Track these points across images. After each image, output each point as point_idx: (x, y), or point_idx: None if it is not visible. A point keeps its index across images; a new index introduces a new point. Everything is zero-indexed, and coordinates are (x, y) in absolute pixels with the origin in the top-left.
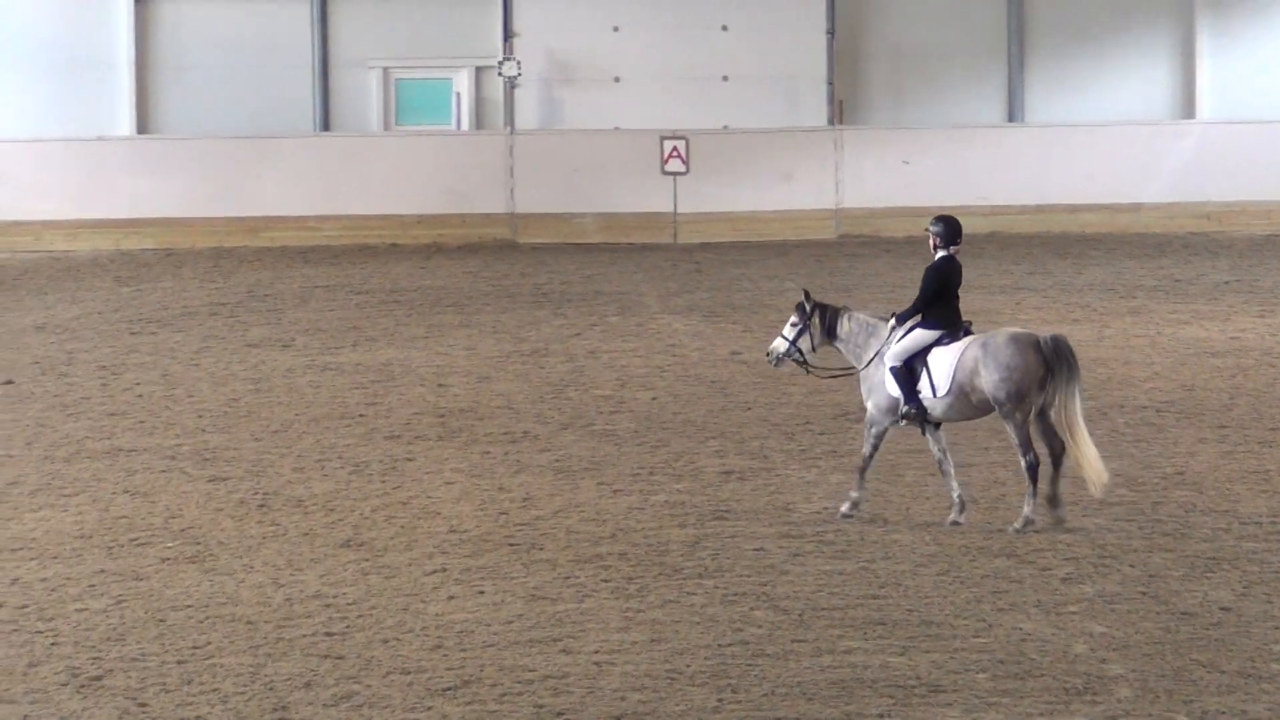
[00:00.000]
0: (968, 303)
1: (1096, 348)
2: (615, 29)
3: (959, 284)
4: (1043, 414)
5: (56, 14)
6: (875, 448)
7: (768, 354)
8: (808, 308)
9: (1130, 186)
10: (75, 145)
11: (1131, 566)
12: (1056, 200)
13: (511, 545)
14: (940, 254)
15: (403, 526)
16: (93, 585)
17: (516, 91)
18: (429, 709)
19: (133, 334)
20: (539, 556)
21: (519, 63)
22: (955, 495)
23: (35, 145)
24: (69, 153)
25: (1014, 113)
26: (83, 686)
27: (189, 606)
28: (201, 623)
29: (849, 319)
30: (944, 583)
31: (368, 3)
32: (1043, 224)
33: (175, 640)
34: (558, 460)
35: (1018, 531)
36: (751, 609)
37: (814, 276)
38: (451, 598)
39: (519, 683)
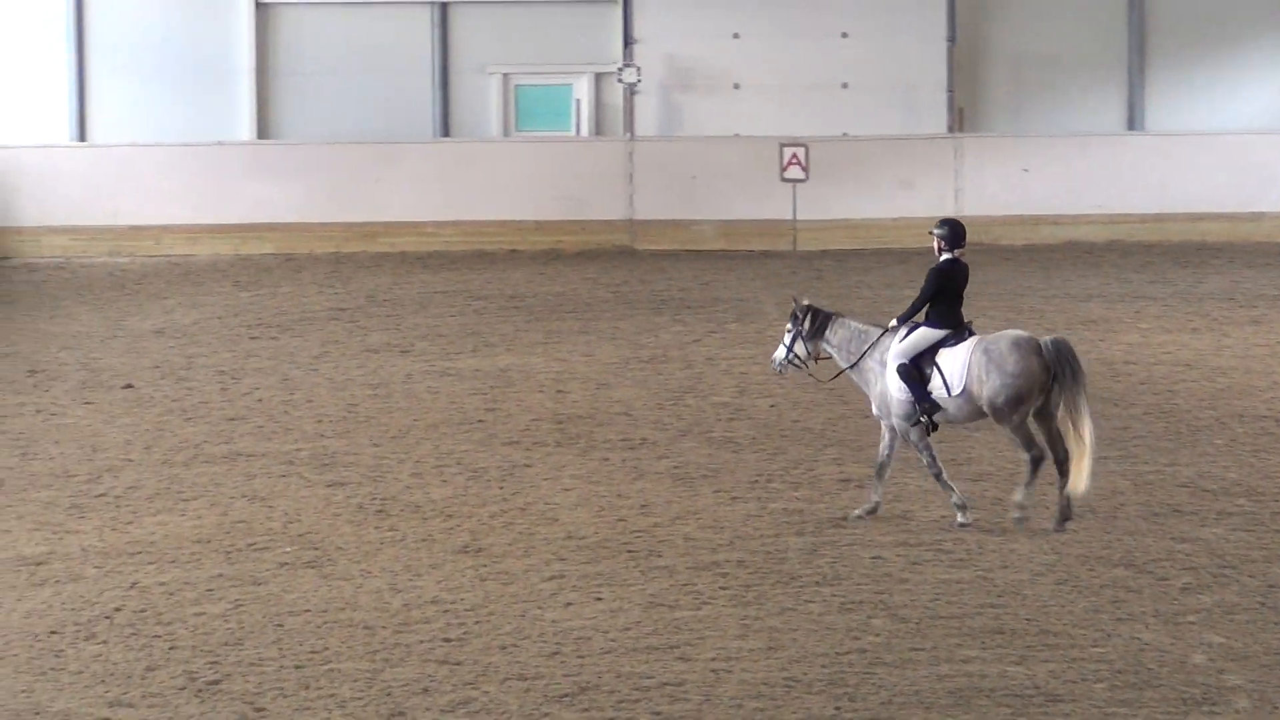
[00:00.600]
0: (1087, 309)
1: (1216, 357)
2: (735, 36)
3: (964, 286)
4: (1048, 419)
5: (178, 20)
6: (931, 452)
7: (772, 362)
8: (799, 314)
9: (1251, 195)
10: (196, 150)
11: (1250, 577)
12: (1176, 209)
13: (629, 552)
14: (945, 256)
15: (521, 532)
16: (211, 589)
17: (636, 98)
18: (546, 715)
19: (252, 339)
20: (657, 563)
21: (639, 69)
22: (873, 499)
23: (157, 150)
24: (190, 158)
25: (1134, 121)
26: (200, 691)
27: (307, 611)
28: (319, 628)
29: (841, 325)
30: (1062, 592)
31: (488, 9)
32: (1162, 233)
33: (293, 645)
34: (676, 467)
35: (1015, 521)
36: (869, 617)
37: None
38: (569, 604)
39: (636, 690)
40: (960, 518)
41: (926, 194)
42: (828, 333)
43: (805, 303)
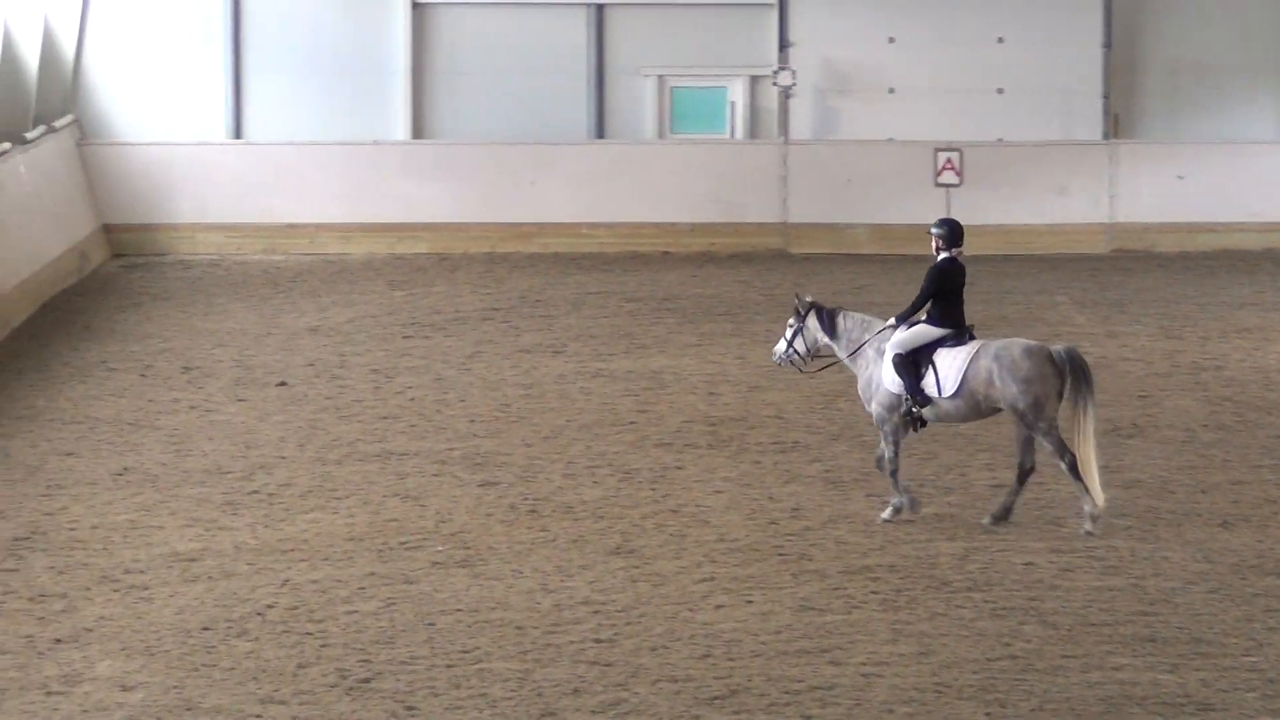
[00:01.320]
0: (1242, 317)
1: None
2: (890, 40)
3: (962, 285)
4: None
5: (334, 19)
6: (896, 447)
7: (773, 355)
8: (802, 311)
9: None
10: (351, 149)
11: None
12: None
13: (780, 555)
14: (943, 255)
15: (672, 534)
16: (363, 588)
17: (791, 101)
18: (696, 717)
19: (405, 338)
20: (808, 567)
21: (794, 72)
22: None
23: (313, 148)
24: (345, 156)
25: None
26: (351, 689)
27: (458, 610)
28: (470, 627)
29: (845, 317)
30: (1214, 600)
31: (644, 10)
32: None
33: (444, 644)
34: (828, 471)
35: (1089, 533)
36: (1020, 624)
37: (1086, 291)
38: (720, 606)
39: (786, 693)
40: (885, 514)
41: (1081, 200)
42: (838, 322)
43: (809, 299)
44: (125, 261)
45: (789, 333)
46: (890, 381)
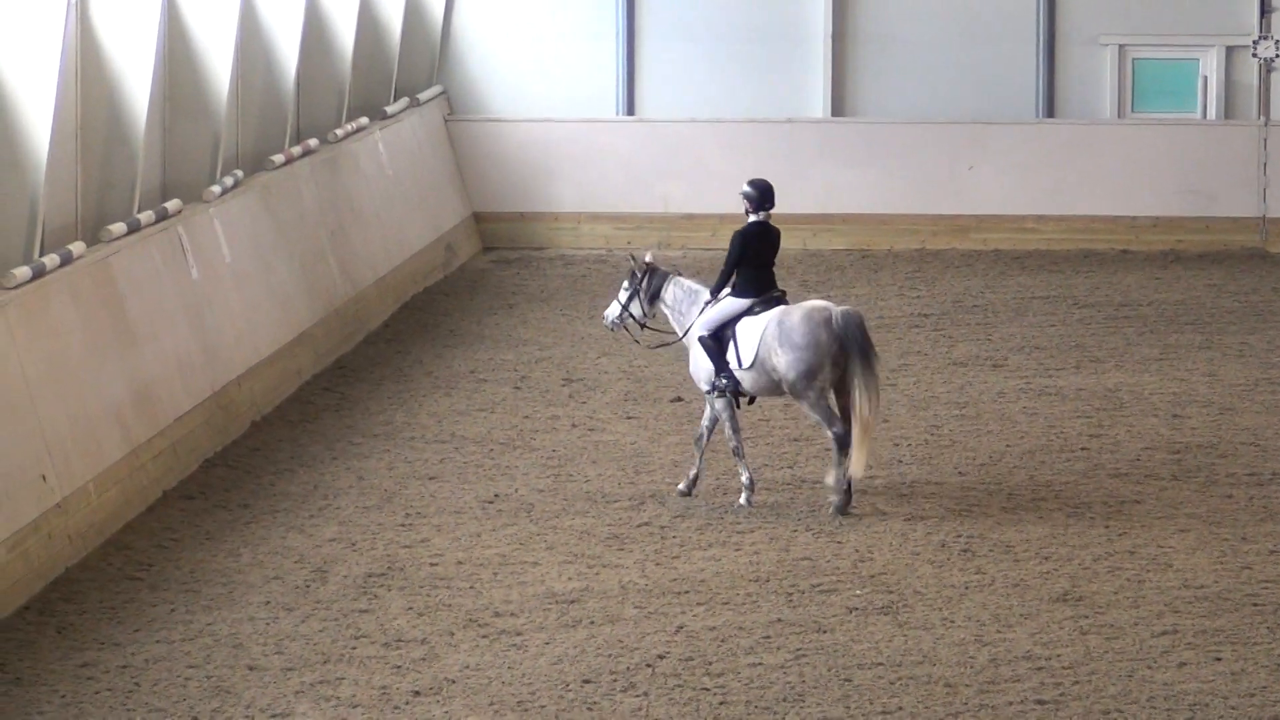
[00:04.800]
0: None
1: None
2: None
3: (772, 251)
4: (845, 394)
5: None
6: (734, 427)
7: (604, 319)
8: (639, 273)
9: None
10: (760, 128)
11: None
12: None
13: (1255, 605)
14: (752, 219)
15: (1128, 579)
16: (768, 636)
17: (1273, 75)
18: None
19: None
20: None
21: (1277, 42)
22: (744, 476)
23: (715, 127)
24: (752, 136)
25: None
26: None
27: (878, 664)
28: (892, 684)
29: (675, 285)
30: None
31: None
32: None
33: (861, 703)
34: None
35: (834, 509)
36: None
37: None
38: (1183, 664)
39: None
40: (742, 498)
41: None
42: (664, 292)
43: (647, 260)
44: (497, 256)
45: (623, 295)
46: (703, 359)
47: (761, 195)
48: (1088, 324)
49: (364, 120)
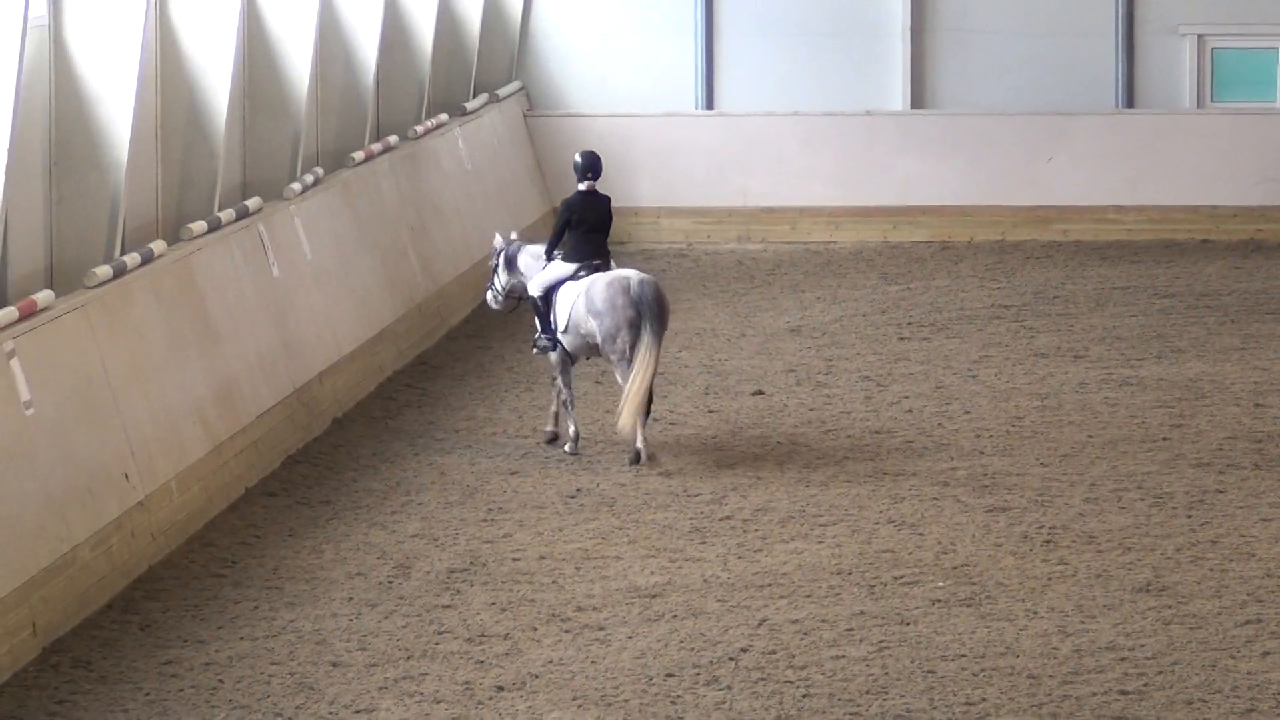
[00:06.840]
0: None
1: None
2: None
3: (599, 218)
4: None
5: None
6: (565, 382)
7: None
8: (498, 248)
9: None
10: (840, 120)
11: None
12: None
13: None
14: (579, 187)
15: (1211, 569)
16: (851, 629)
17: None
18: None
19: (901, 339)
20: None
21: None
22: (571, 429)
23: (794, 120)
24: (833, 129)
25: None
26: None
27: (962, 656)
28: (975, 675)
29: (524, 252)
30: None
31: None
32: None
33: (945, 695)
34: None
35: (568, 451)
36: None
37: None
38: (1266, 654)
39: None
40: (566, 447)
41: None
42: (517, 261)
43: (513, 236)
44: None
45: (494, 275)
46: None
47: (587, 164)
48: (1168, 314)
49: (444, 116)
